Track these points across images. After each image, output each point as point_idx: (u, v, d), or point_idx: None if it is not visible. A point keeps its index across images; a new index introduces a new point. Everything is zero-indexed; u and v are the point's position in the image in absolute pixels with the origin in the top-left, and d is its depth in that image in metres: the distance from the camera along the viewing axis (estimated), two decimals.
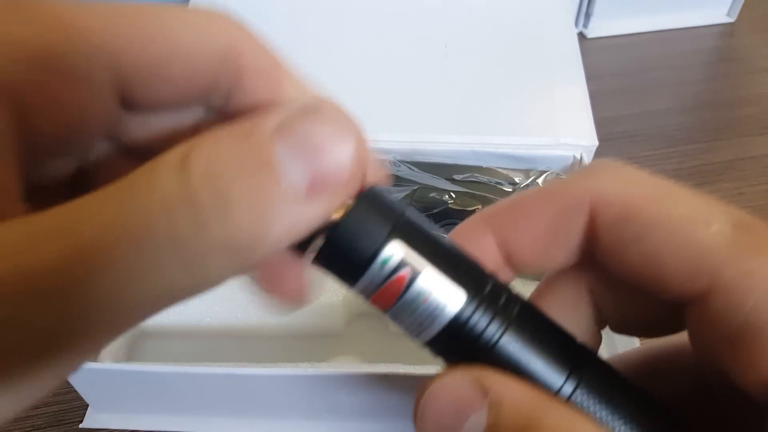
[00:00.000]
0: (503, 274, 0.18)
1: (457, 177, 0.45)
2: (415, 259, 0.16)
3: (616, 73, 0.70)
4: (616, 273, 0.18)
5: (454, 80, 0.54)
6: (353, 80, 0.54)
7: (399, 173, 0.46)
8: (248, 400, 0.38)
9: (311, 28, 0.58)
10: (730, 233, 0.16)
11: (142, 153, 0.17)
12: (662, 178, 0.18)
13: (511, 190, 0.44)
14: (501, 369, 0.16)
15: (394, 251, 0.15)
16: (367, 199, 0.16)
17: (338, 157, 0.14)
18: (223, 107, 0.17)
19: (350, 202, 0.15)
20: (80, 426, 0.40)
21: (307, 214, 0.14)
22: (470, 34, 0.57)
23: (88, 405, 0.40)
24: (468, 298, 0.16)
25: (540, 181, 0.45)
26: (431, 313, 0.16)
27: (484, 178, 0.45)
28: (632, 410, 0.17)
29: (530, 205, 0.19)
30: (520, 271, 0.19)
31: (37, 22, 0.14)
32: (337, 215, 0.15)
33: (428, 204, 0.44)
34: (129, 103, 0.16)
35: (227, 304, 0.44)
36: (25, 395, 0.14)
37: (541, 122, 0.50)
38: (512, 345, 0.16)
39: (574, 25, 0.60)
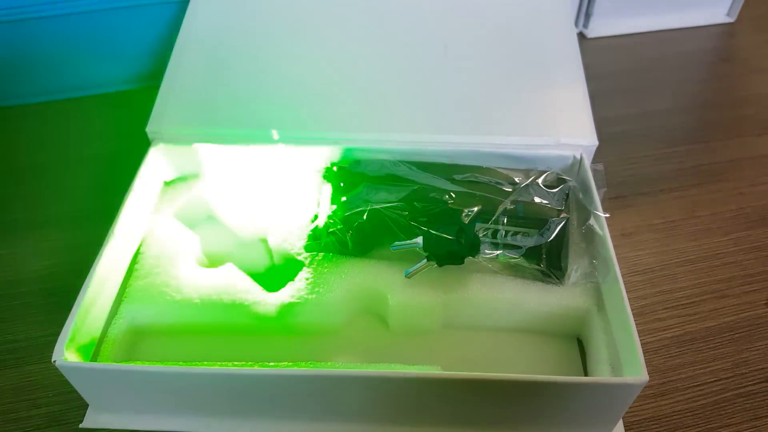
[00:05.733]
0: None
1: (457, 177, 0.45)
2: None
3: (616, 73, 0.70)
4: None
5: (454, 80, 0.54)
6: (354, 80, 0.54)
7: (399, 173, 0.46)
8: (248, 400, 0.38)
9: (312, 29, 0.58)
10: None
11: None
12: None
13: (510, 190, 0.44)
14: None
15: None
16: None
17: None
18: None
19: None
20: (80, 426, 0.40)
21: None
22: (470, 34, 0.57)
23: (88, 405, 0.40)
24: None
25: (540, 181, 0.45)
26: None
27: (484, 178, 0.45)
28: None
29: None
30: None
31: None
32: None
33: (428, 204, 0.44)
34: None
35: (227, 304, 0.43)
36: None
37: (541, 122, 0.50)
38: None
39: (574, 25, 0.60)
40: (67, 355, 0.37)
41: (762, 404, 0.41)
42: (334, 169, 0.48)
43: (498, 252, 0.43)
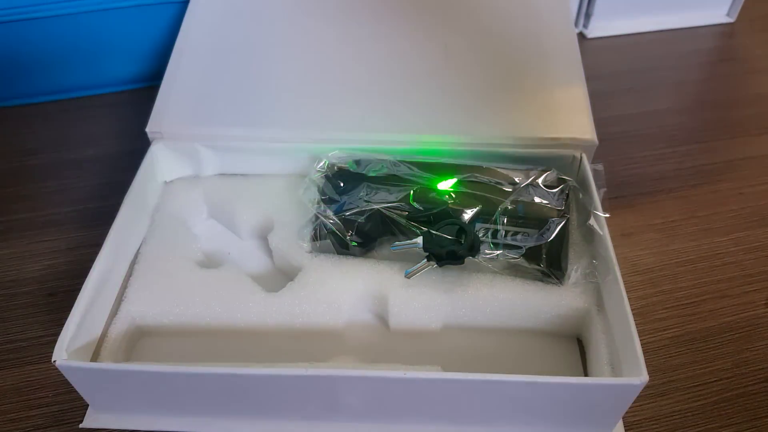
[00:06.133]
0: None
1: (457, 177, 0.45)
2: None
3: (616, 73, 0.70)
4: None
5: (454, 80, 0.54)
6: (354, 80, 0.54)
7: (399, 173, 0.46)
8: (248, 400, 0.38)
9: (312, 29, 0.58)
10: None
11: None
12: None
13: (510, 190, 0.44)
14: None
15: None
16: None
17: None
18: None
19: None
20: (80, 426, 0.40)
21: None
22: (470, 34, 0.57)
23: (88, 405, 0.40)
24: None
25: (540, 181, 0.45)
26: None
27: (484, 178, 0.45)
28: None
29: None
30: None
31: None
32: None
33: (428, 204, 0.44)
34: None
35: (227, 304, 0.44)
36: None
37: (541, 122, 0.50)
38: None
39: (574, 25, 0.60)
40: (67, 355, 0.37)
41: (762, 404, 0.41)
42: (335, 168, 0.48)
43: (498, 252, 0.43)
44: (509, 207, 0.43)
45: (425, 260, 0.42)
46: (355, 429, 0.39)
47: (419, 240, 0.42)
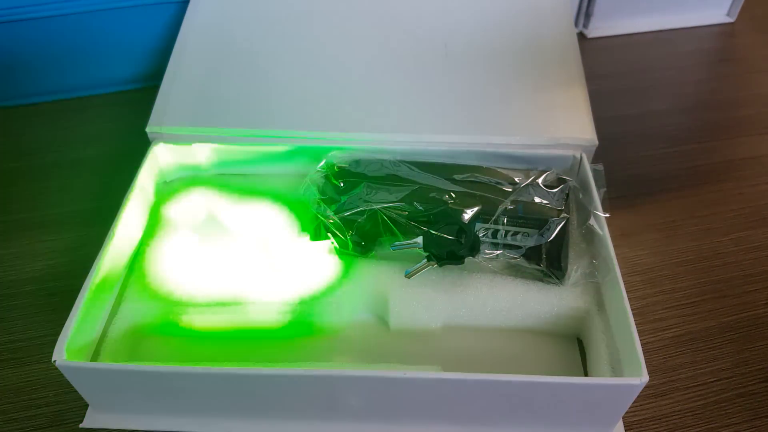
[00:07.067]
0: None
1: (457, 177, 0.45)
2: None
3: (616, 73, 0.70)
4: None
5: (454, 80, 0.54)
6: (354, 80, 0.54)
7: (399, 173, 0.46)
8: (248, 400, 0.38)
9: (312, 29, 0.58)
10: None
11: None
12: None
13: (510, 190, 0.44)
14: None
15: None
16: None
17: None
18: None
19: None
20: (80, 426, 0.40)
21: None
22: (470, 34, 0.57)
23: (88, 405, 0.40)
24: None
25: (540, 181, 0.45)
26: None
27: (484, 178, 0.45)
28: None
29: None
30: None
31: None
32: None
33: (428, 204, 0.44)
34: None
35: (227, 304, 0.43)
36: None
37: (541, 122, 0.50)
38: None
39: (574, 25, 0.60)
40: (67, 355, 0.37)
41: (762, 404, 0.41)
42: (335, 168, 0.48)
43: (498, 252, 0.43)
44: (509, 207, 0.43)
45: (425, 260, 0.42)
46: (355, 429, 0.39)
47: (419, 240, 0.42)
